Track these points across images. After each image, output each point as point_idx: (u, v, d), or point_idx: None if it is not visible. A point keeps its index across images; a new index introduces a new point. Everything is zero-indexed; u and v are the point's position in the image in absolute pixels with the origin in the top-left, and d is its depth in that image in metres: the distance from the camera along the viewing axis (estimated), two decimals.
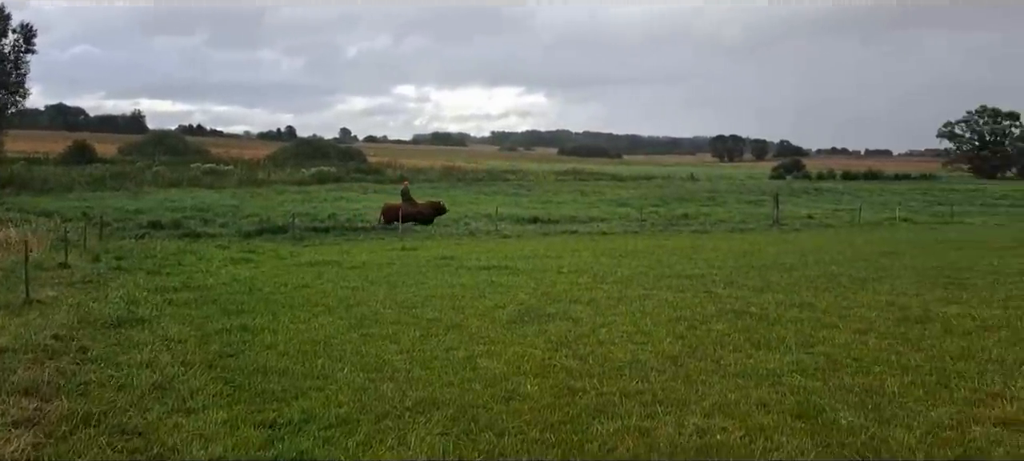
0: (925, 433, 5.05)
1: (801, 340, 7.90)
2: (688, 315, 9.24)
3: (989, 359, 7.05)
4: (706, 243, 19.96)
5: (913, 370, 6.66)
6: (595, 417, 5.53)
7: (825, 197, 46.16)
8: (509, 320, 8.91)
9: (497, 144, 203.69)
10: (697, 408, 5.69)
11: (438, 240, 20.10)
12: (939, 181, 76.50)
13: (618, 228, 25.03)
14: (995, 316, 9.18)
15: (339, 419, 5.48)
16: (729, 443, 4.98)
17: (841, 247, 18.85)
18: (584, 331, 8.34)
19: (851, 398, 5.87)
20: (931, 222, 31.79)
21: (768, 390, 6.12)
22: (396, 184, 36.63)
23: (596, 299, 10.34)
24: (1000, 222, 32.62)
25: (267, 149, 76.81)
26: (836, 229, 27.16)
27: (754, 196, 43.13)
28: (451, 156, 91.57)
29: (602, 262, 14.60)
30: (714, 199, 41.21)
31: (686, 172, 71.51)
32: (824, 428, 5.22)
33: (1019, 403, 5.60)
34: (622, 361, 7.06)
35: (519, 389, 6.21)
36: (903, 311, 9.54)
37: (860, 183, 66.22)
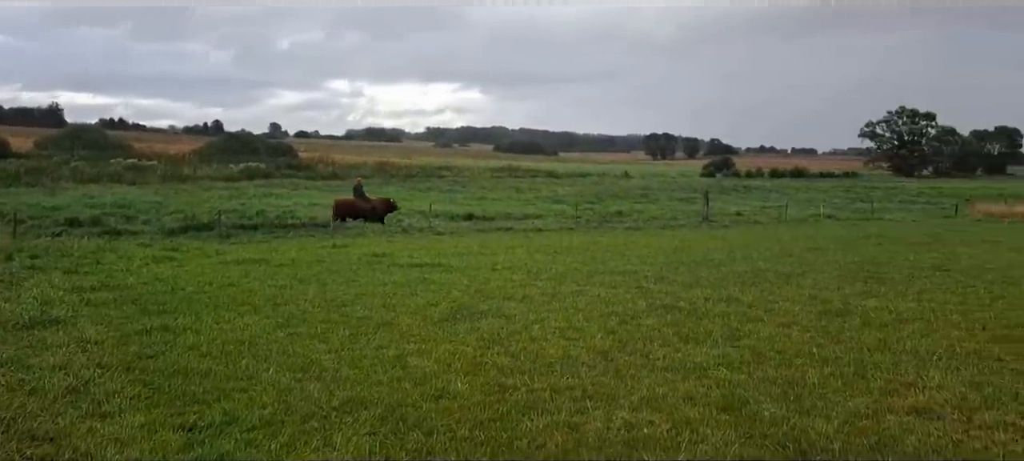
0: (843, 422, 5.20)
1: (727, 334, 8.06)
2: (619, 311, 9.33)
3: (904, 350, 7.30)
4: (639, 240, 20.25)
5: (833, 362, 6.86)
6: (525, 414, 5.52)
7: (754, 195, 47.40)
8: (441, 318, 8.84)
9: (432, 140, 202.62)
10: (626, 402, 5.74)
11: (370, 237, 19.84)
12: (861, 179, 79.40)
13: (553, 225, 25.19)
14: (910, 309, 9.53)
15: (263, 420, 5.34)
16: (656, 436, 5.03)
17: (768, 243, 19.35)
18: (517, 328, 8.33)
19: (774, 390, 6.00)
20: (853, 219, 32.94)
21: (695, 383, 6.21)
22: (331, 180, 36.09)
23: (530, 296, 10.35)
24: (916, 219, 34.02)
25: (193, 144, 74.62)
26: (763, 226, 27.90)
27: (686, 194, 43.99)
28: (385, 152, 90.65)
29: (536, 259, 14.64)
30: (647, 196, 41.87)
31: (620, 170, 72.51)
32: (747, 420, 5.33)
33: (931, 392, 5.82)
34: (554, 357, 7.08)
35: (449, 387, 6.16)
36: (825, 305, 9.82)
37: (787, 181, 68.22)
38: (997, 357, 6.90)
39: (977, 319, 8.76)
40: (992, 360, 6.80)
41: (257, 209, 26.49)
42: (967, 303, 9.89)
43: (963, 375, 6.31)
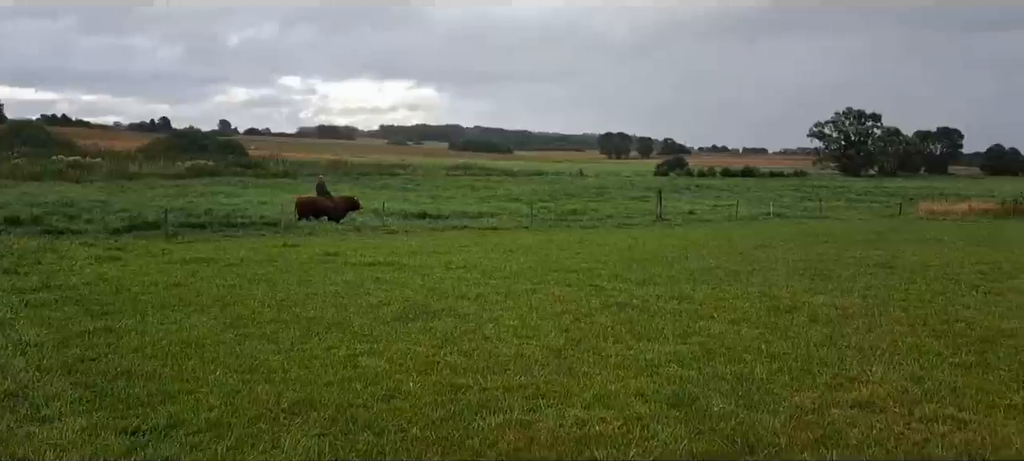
0: (789, 417, 5.29)
1: (679, 331, 8.14)
2: (573, 309, 9.37)
3: (849, 346, 7.45)
4: (593, 238, 20.37)
5: (780, 357, 6.97)
6: (478, 413, 5.51)
7: (706, 193, 48.08)
8: (394, 317, 8.77)
9: (386, 138, 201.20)
10: (578, 400, 5.76)
11: (322, 236, 19.61)
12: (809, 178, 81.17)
13: (508, 223, 25.21)
14: (855, 305, 9.74)
15: (209, 423, 5.23)
16: (607, 433, 5.06)
17: (719, 241, 19.63)
18: (470, 327, 8.31)
19: (723, 385, 6.08)
20: (801, 217, 33.63)
21: (646, 380, 6.26)
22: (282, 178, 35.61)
23: (483, 295, 10.33)
24: (862, 217, 34.86)
25: (139, 141, 72.99)
26: (715, 224, 28.30)
27: (639, 192, 44.44)
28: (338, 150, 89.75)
29: (491, 258, 14.62)
30: (602, 195, 42.20)
31: (575, 168, 72.92)
32: (697, 415, 5.39)
33: (874, 386, 5.95)
34: (507, 356, 7.07)
35: (401, 387, 6.11)
36: (773, 301, 9.98)
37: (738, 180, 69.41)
38: (936, 351, 7.09)
39: (918, 315, 8.99)
40: (932, 354, 6.98)
41: (205, 208, 26.03)
42: (909, 299, 10.14)
43: (904, 369, 6.47)
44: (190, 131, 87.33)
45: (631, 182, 56.89)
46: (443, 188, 41.61)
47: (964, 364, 6.61)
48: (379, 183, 43.88)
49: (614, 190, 45.99)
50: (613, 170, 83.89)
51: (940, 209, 37.99)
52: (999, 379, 6.11)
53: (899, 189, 59.84)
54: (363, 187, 38.99)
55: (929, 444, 4.75)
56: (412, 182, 45.95)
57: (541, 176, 57.79)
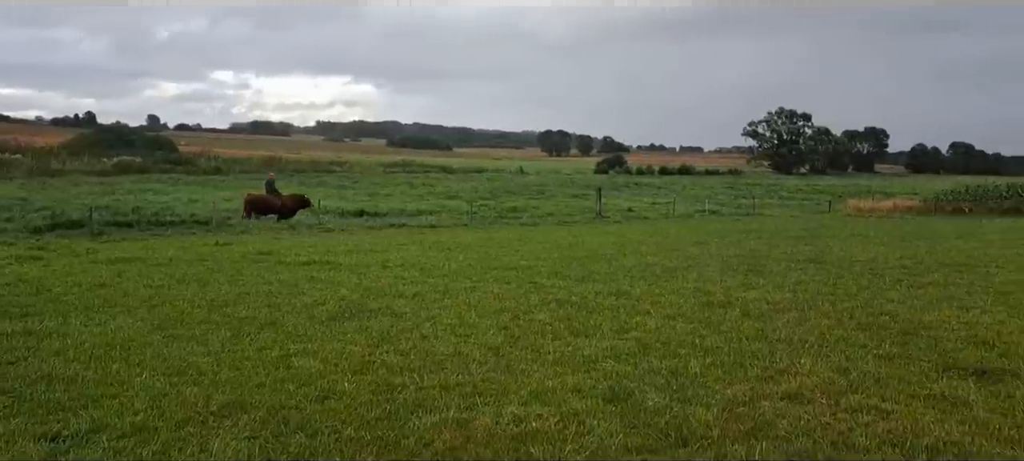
0: (721, 410, 5.38)
1: (616, 327, 8.21)
2: (512, 306, 9.37)
3: (779, 339, 7.61)
4: (534, 235, 20.45)
5: (714, 351, 7.09)
6: (414, 412, 5.45)
7: (644, 191, 48.76)
8: (329, 317, 8.63)
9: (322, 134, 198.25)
10: (515, 397, 5.75)
11: (255, 235, 19.21)
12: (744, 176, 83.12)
13: (447, 222, 25.12)
14: (786, 299, 9.96)
15: (134, 427, 5.05)
16: (544, 430, 5.06)
17: (657, 238, 19.92)
18: (407, 326, 8.23)
19: (658, 380, 6.15)
20: (736, 214, 34.42)
21: (583, 376, 6.29)
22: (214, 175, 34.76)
23: (421, 293, 10.25)
24: (794, 214, 35.88)
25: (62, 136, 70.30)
26: (653, 221, 28.75)
27: (579, 190, 44.81)
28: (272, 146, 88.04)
29: (430, 256, 14.54)
30: (542, 193, 42.41)
31: (516, 166, 73.10)
32: (632, 409, 5.43)
33: (802, 378, 6.10)
34: (444, 354, 7.02)
35: (336, 387, 6.01)
36: (708, 297, 10.14)
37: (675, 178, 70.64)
38: (862, 344, 7.30)
39: (845, 308, 9.24)
40: (857, 346, 7.19)
41: (133, 206, 25.24)
42: (837, 293, 10.42)
43: (831, 361, 6.64)
44: (117, 126, 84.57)
45: (571, 180, 57.31)
46: (381, 186, 41.22)
47: (887, 355, 6.82)
48: (315, 181, 43.19)
49: (554, 188, 46.26)
50: (553, 168, 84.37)
51: (867, 206, 39.33)
52: (920, 369, 6.32)
53: (829, 187, 61.76)
54: (298, 185, 38.36)
55: (853, 433, 4.88)
56: (349, 179, 45.39)
57: (481, 173, 57.77)
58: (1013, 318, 8.39)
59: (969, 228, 24.41)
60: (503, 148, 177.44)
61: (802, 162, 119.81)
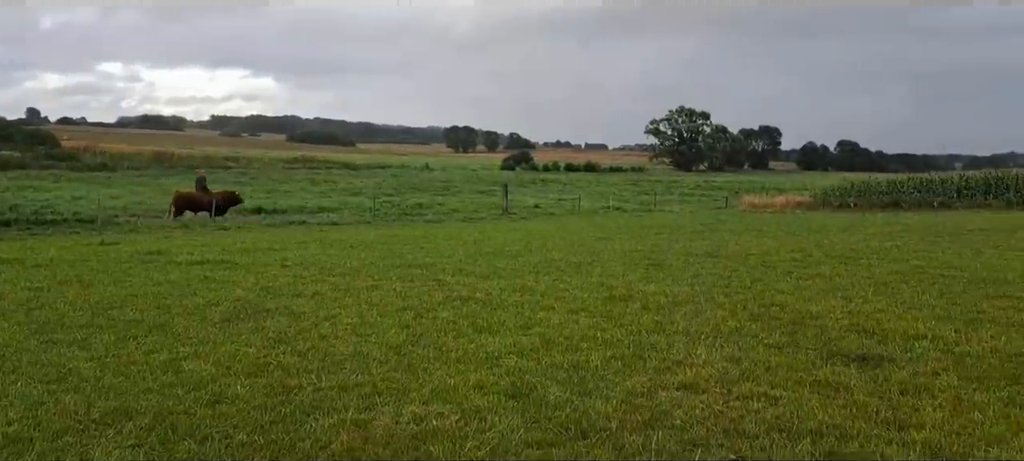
0: (620, 402, 5.45)
1: (520, 322, 8.22)
2: (415, 304, 9.26)
3: (677, 331, 7.79)
4: (439, 232, 20.33)
5: (614, 344, 7.19)
6: (310, 414, 5.30)
7: (550, 187, 49.29)
8: (222, 318, 8.30)
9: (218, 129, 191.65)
10: (416, 396, 5.67)
11: (145, 234, 18.36)
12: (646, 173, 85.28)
13: (350, 219, 24.71)
14: (684, 292, 10.22)
15: (7, 438, 4.72)
16: (445, 428, 5.01)
17: (562, 234, 20.16)
18: (305, 326, 8.01)
19: (560, 374, 6.18)
20: (638, 210, 35.25)
21: (486, 373, 6.26)
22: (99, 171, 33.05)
23: (321, 292, 10.01)
24: (693, 210, 37.03)
25: None
26: (559, 217, 29.09)
27: (486, 186, 44.88)
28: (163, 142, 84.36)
29: (330, 254, 14.23)
30: (448, 189, 42.25)
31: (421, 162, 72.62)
32: (534, 404, 5.44)
33: (698, 368, 6.26)
34: (344, 354, 6.87)
35: (228, 391, 5.78)
36: (610, 291, 10.30)
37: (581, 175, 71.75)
38: (753, 333, 7.56)
39: (739, 300, 9.55)
40: (749, 336, 7.44)
41: (10, 204, 23.74)
42: (732, 286, 10.76)
43: (725, 351, 6.85)
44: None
45: (477, 176, 57.37)
46: (280, 182, 40.15)
47: (777, 344, 7.08)
48: (210, 177, 41.60)
49: (460, 184, 46.18)
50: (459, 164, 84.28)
51: (761, 202, 41.00)
52: (806, 357, 6.59)
53: (726, 183, 64.04)
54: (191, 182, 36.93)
55: (744, 420, 5.04)
56: (246, 176, 44.00)
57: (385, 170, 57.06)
58: (891, 306, 8.86)
59: (853, 222, 25.76)
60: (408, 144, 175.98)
61: (701, 160, 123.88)
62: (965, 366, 6.20)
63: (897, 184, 43.69)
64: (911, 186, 42.39)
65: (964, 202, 38.83)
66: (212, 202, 22.99)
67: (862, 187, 43.28)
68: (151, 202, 30.76)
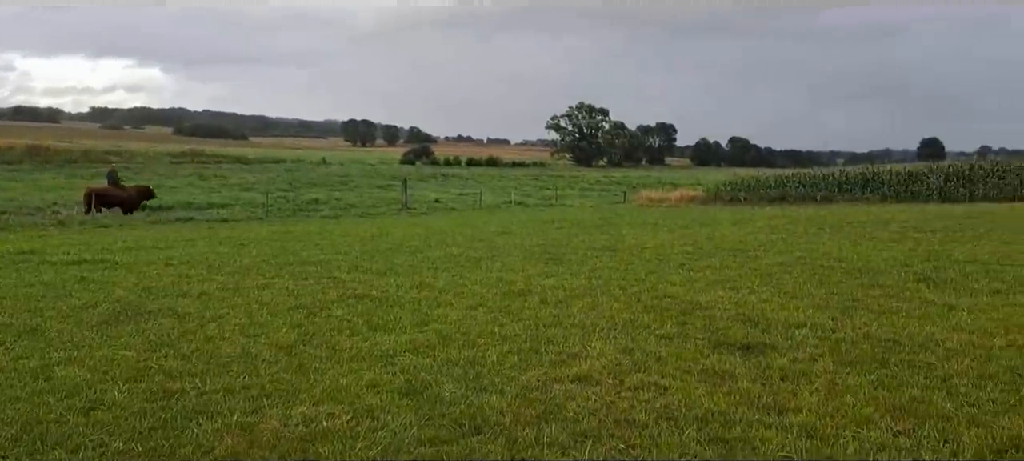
0: (515, 396, 5.46)
1: (417, 319, 8.13)
2: (308, 302, 9.03)
3: (573, 324, 7.88)
4: (335, 228, 19.91)
5: (512, 339, 7.21)
6: (193, 419, 5.07)
7: (451, 182, 49.15)
8: (100, 321, 7.86)
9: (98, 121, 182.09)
10: (306, 397, 5.52)
11: (17, 232, 17.21)
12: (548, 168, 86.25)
13: (241, 215, 23.94)
14: (582, 285, 10.36)
15: None
16: (335, 428, 4.89)
17: (463, 229, 20.11)
18: (190, 327, 7.68)
19: (456, 371, 6.15)
20: (540, 205, 35.60)
21: (380, 371, 6.16)
22: None
23: (208, 292, 9.63)
24: (592, 204, 37.69)
25: None
26: (460, 212, 29.03)
27: (385, 181, 44.34)
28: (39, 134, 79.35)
29: (219, 251, 13.71)
30: (346, 184, 41.51)
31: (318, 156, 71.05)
32: (429, 402, 5.39)
33: (592, 360, 6.35)
34: (231, 356, 6.62)
35: (104, 397, 5.47)
36: (509, 286, 10.33)
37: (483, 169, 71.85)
38: (646, 325, 7.73)
39: (634, 292, 9.76)
40: (642, 328, 7.61)
41: None
42: (627, 278, 10.98)
43: (619, 343, 6.97)
44: None
45: (376, 171, 56.62)
46: (166, 177, 38.41)
47: (668, 335, 7.26)
48: (89, 171, 39.41)
49: (358, 179, 45.44)
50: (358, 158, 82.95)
51: (657, 197, 42.19)
52: (695, 347, 6.79)
53: (624, 178, 65.58)
54: (68, 176, 34.86)
55: (635, 410, 5.14)
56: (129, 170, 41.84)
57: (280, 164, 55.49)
58: (775, 296, 9.25)
59: (743, 216, 26.80)
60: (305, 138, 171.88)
61: (601, 155, 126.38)
62: (840, 352, 6.53)
63: (784, 179, 45.81)
64: (796, 181, 44.50)
65: (844, 196, 41.07)
66: (125, 197, 22.23)
67: (751, 182, 45.21)
68: (24, 199, 28.84)
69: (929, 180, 40.95)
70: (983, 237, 15.96)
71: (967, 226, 18.98)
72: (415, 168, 65.89)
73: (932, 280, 10.18)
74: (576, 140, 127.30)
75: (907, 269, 11.26)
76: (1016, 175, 38.94)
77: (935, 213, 25.67)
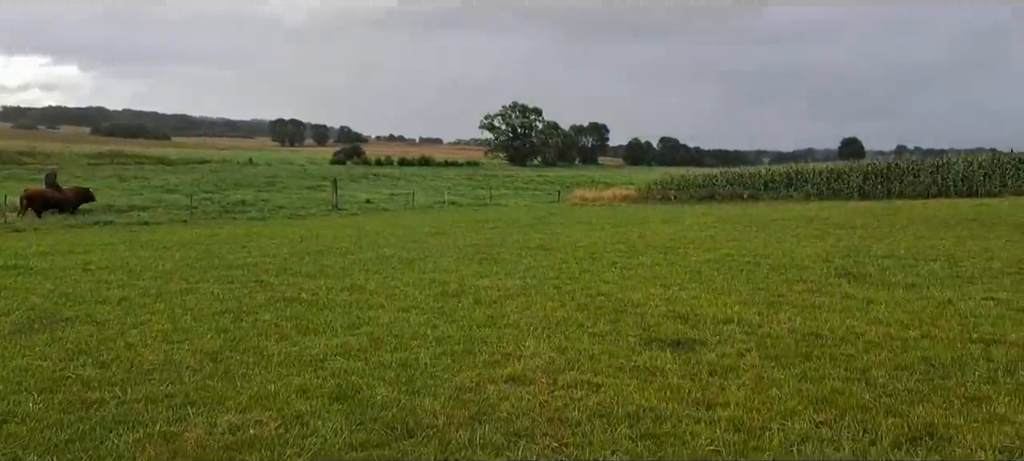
0: (449, 398, 5.43)
1: (348, 322, 8.00)
2: (235, 307, 8.80)
3: (507, 323, 7.88)
4: (263, 231, 19.49)
5: (445, 340, 7.16)
6: (112, 429, 4.88)
7: (383, 182, 48.66)
8: (12, 330, 7.50)
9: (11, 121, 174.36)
10: (233, 404, 5.36)
11: None
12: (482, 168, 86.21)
13: (164, 217, 23.23)
14: (516, 285, 10.37)
15: None
16: (263, 436, 4.77)
17: (395, 230, 19.92)
18: (110, 335, 7.38)
19: (388, 374, 6.07)
20: (474, 205, 35.54)
21: (310, 376, 6.04)
22: None
23: (129, 298, 9.28)
24: (527, 204, 37.84)
25: None
26: (392, 213, 28.75)
27: (315, 181, 43.62)
28: None
29: (140, 256, 13.26)
30: (274, 185, 40.67)
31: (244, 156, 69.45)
32: (360, 406, 5.30)
33: (526, 360, 6.36)
34: (153, 363, 6.39)
35: (18, 410, 5.22)
36: (443, 287, 10.26)
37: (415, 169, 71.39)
38: (580, 323, 7.78)
39: (568, 291, 9.82)
40: (576, 326, 7.66)
41: None
42: (561, 277, 11.04)
43: (553, 342, 7.00)
44: None
45: (305, 171, 55.65)
46: (84, 179, 36.87)
47: (601, 333, 7.33)
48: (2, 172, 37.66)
49: (287, 180, 44.59)
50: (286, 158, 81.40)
51: (590, 196, 42.65)
52: (627, 344, 6.87)
53: (558, 177, 66.06)
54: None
55: (568, 408, 5.16)
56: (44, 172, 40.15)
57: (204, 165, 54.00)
58: (704, 293, 9.44)
59: (674, 214, 27.32)
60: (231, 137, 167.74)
61: (535, 154, 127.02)
62: (766, 346, 6.70)
63: (712, 178, 46.89)
64: (724, 180, 45.60)
65: (770, 194, 42.28)
66: (64, 199, 21.71)
67: (682, 181, 46.14)
68: None
69: (850, 178, 42.48)
70: (900, 233, 16.65)
71: (885, 222, 19.77)
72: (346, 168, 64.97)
73: (852, 275, 10.55)
74: (510, 139, 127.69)
75: (829, 265, 11.64)
76: (930, 173, 40.73)
77: (855, 210, 26.66)
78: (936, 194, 38.48)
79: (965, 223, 18.62)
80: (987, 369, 5.86)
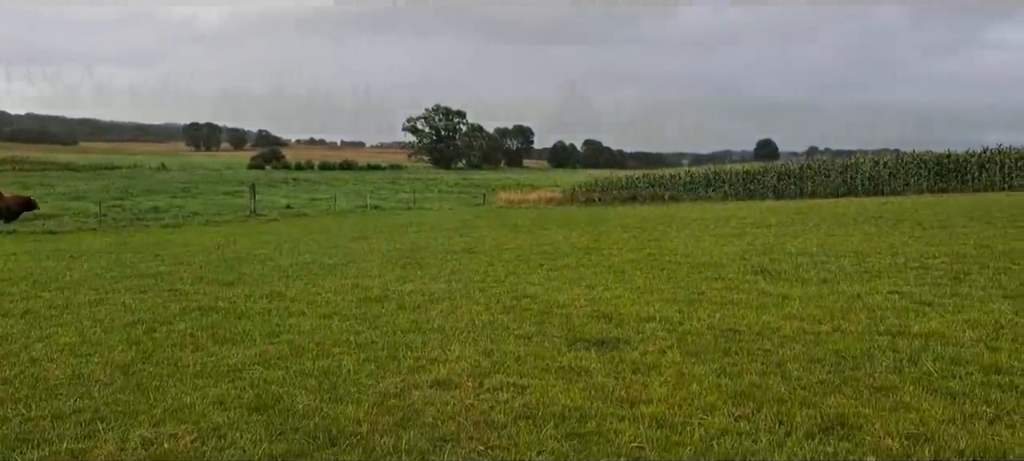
0: (372, 405, 5.34)
1: (268, 331, 7.80)
2: (147, 318, 8.46)
3: (433, 328, 7.81)
4: (177, 238, 18.86)
5: (369, 346, 7.05)
6: (16, 448, 4.63)
7: (303, 186, 47.75)
8: None
9: None
10: (146, 418, 5.15)
11: None
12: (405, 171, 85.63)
13: (71, 226, 22.23)
14: (441, 289, 10.30)
15: None
16: (178, 449, 4.59)
17: (316, 235, 19.56)
18: (13, 349, 7.01)
19: (310, 382, 5.94)
20: (397, 208, 35.22)
21: (227, 387, 5.85)
22: None
23: (33, 310, 8.83)
24: (452, 207, 37.73)
25: None
26: (313, 218, 28.23)
27: (231, 186, 42.50)
28: None
29: (46, 266, 12.64)
30: (188, 190, 39.45)
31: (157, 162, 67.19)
32: (280, 416, 5.17)
33: (451, 364, 6.31)
34: (59, 378, 6.08)
35: None
36: (365, 292, 10.11)
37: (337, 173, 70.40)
38: (506, 326, 7.78)
39: (494, 294, 9.81)
40: (502, 329, 7.65)
41: None
42: (487, 280, 11.02)
43: (479, 345, 6.98)
44: None
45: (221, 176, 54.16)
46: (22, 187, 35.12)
47: (526, 335, 7.34)
48: None
49: (202, 185, 43.30)
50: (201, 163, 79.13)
51: (516, 198, 42.88)
52: (553, 345, 6.91)
53: (483, 180, 66.12)
54: None
55: (494, 411, 5.15)
56: None
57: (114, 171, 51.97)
58: (627, 292, 9.58)
59: (598, 215, 27.70)
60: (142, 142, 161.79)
61: (459, 157, 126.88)
62: (687, 343, 6.84)
63: (634, 180, 47.83)
64: (646, 182, 46.59)
65: (689, 195, 43.39)
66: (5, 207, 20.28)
67: (605, 183, 46.93)
68: None
69: (765, 179, 43.99)
70: (812, 230, 17.29)
71: (798, 221, 20.51)
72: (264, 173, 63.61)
73: (768, 272, 10.89)
74: (434, 142, 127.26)
75: (746, 262, 11.99)
76: (840, 173, 42.51)
77: (770, 209, 27.58)
78: (845, 193, 40.23)
79: (872, 221, 19.48)
80: (893, 360, 6.12)
